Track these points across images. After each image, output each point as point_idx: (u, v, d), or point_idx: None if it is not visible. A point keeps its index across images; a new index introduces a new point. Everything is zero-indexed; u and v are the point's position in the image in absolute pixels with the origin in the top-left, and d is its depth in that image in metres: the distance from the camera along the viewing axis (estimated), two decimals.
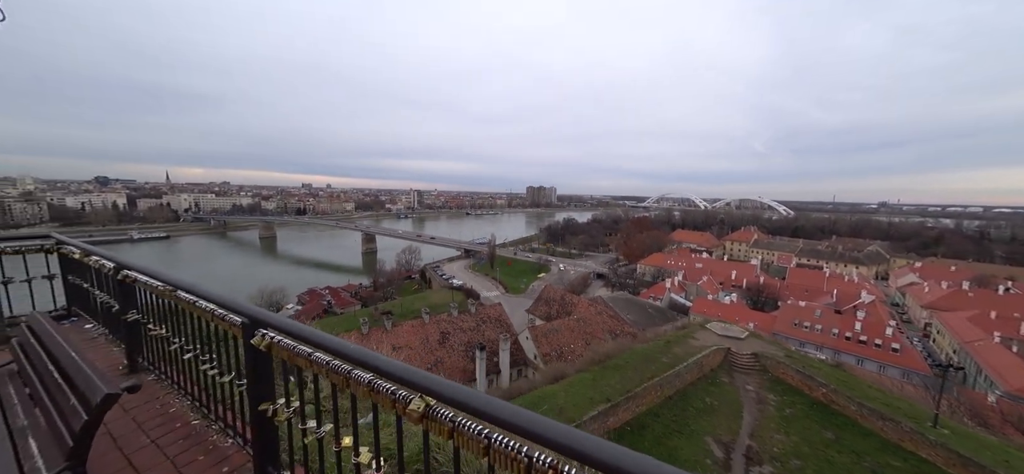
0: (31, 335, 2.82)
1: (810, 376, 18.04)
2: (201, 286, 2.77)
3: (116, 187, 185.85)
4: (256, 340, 2.18)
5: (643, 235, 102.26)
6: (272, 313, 2.33)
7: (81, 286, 4.95)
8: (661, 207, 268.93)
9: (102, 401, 1.87)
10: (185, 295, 2.84)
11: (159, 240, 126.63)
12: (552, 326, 36.91)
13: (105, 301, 4.26)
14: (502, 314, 39.22)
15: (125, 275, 3.56)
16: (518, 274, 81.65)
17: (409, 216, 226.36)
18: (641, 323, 41.80)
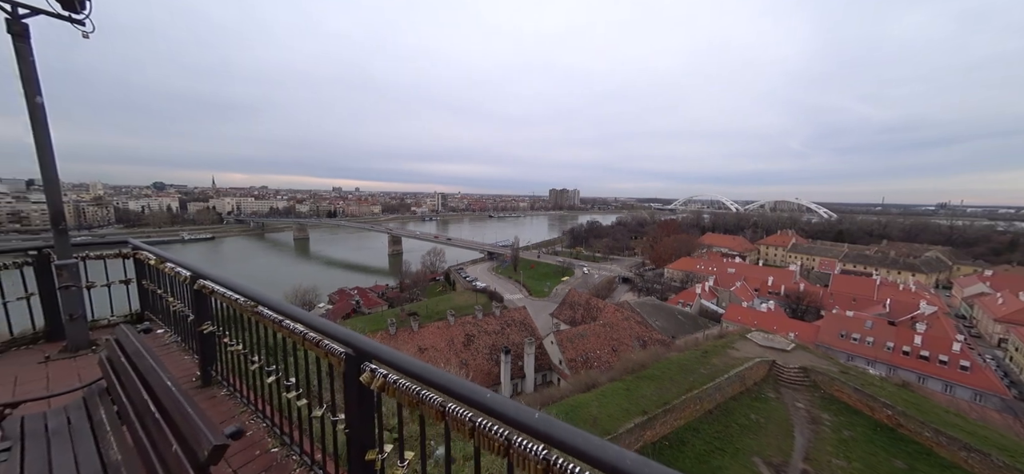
0: (120, 351, 2.63)
1: (871, 396, 16.19)
2: (291, 306, 2.43)
3: (170, 192, 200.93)
4: (365, 377, 1.87)
5: (670, 238, 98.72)
6: (381, 345, 1.94)
7: (155, 291, 4.92)
8: (689, 210, 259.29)
9: (210, 455, 1.61)
10: (268, 312, 2.59)
11: (206, 241, 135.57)
12: (578, 331, 36.00)
13: (179, 309, 4.16)
14: (526, 317, 38.75)
15: (202, 285, 3.41)
16: (541, 277, 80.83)
17: (433, 219, 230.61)
18: (670, 330, 40.06)
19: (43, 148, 4.02)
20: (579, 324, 42.61)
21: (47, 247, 4.79)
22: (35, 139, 3.96)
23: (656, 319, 42.18)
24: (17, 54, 3.78)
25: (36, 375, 3.93)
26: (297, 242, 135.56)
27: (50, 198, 4.39)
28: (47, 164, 4.10)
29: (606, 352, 34.04)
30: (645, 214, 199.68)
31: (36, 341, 4.74)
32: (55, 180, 4.27)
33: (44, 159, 4.05)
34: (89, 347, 4.52)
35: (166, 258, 4.36)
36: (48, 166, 4.13)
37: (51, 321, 4.81)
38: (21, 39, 3.77)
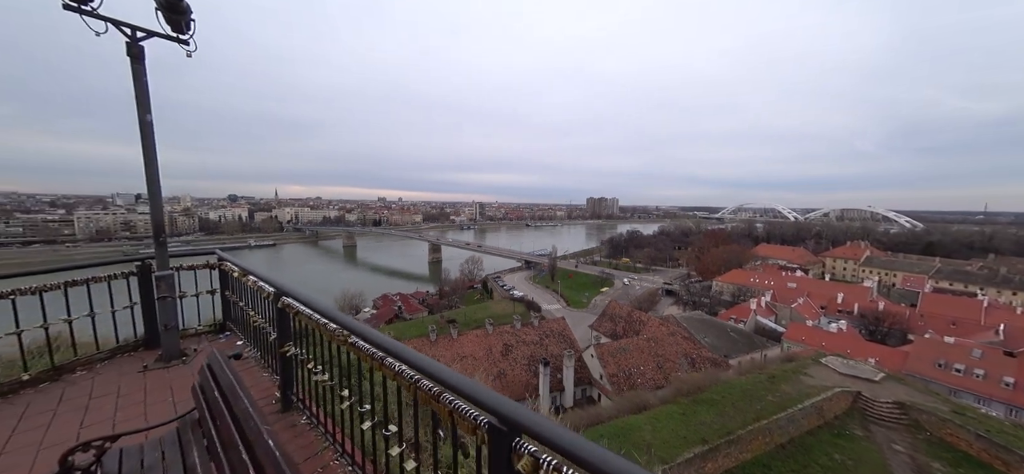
0: (211, 379, 2.54)
1: (1006, 446, 12.97)
2: (404, 349, 1.98)
3: (241, 203, 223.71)
4: (524, 464, 1.34)
5: (719, 249, 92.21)
6: (538, 416, 1.43)
7: (236, 303, 4.99)
8: (738, 218, 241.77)
9: None
10: (367, 346, 2.24)
11: (269, 247, 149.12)
12: (620, 345, 34.33)
13: (260, 325, 4.12)
14: (565, 329, 37.70)
15: (285, 304, 3.27)
16: (579, 287, 78.92)
17: (471, 227, 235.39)
18: (722, 348, 36.93)
19: (150, 163, 4.30)
20: (620, 338, 40.73)
21: (149, 258, 5.04)
22: (144, 154, 4.26)
23: (705, 336, 39.20)
24: (133, 75, 4.11)
25: (135, 385, 4.10)
26: (346, 249, 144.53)
27: (153, 212, 4.65)
28: (152, 178, 4.36)
29: (651, 369, 32.12)
30: (690, 223, 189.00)
31: (136, 348, 5.00)
32: (158, 195, 4.53)
33: (150, 173, 4.32)
34: (180, 358, 4.71)
35: (249, 271, 4.40)
36: (153, 180, 4.38)
37: (149, 329, 5.05)
38: (138, 61, 4.11)
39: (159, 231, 4.71)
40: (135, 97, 4.10)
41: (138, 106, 4.13)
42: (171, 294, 4.71)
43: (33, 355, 4.28)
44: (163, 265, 4.74)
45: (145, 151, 4.21)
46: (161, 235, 4.72)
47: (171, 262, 5.07)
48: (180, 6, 4.13)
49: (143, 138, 4.19)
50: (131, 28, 4.07)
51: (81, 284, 4.39)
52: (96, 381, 4.14)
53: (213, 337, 5.52)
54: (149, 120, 4.19)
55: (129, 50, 4.08)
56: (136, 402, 3.75)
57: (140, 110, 4.14)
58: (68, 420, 3.47)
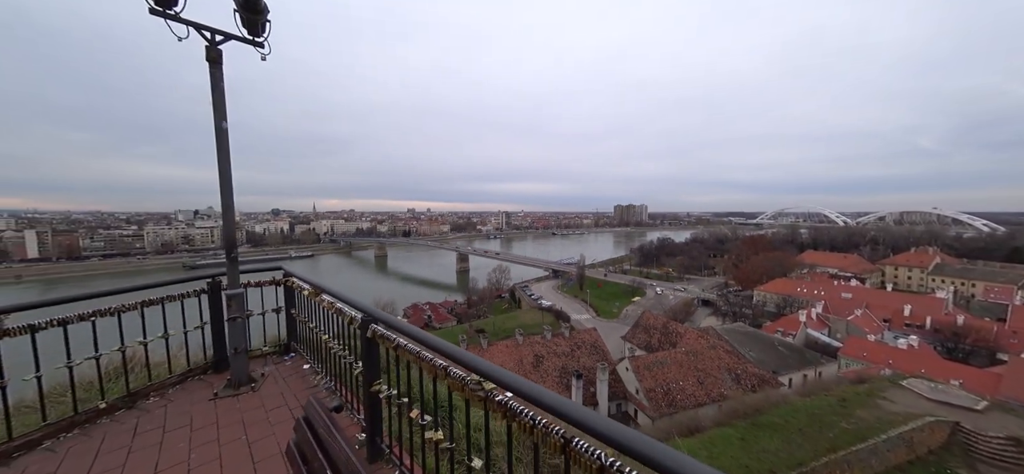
0: (310, 434, 2.31)
1: None
2: (522, 382, 1.59)
3: (283, 217, 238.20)
4: None
5: (759, 257, 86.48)
6: None
7: (305, 323, 4.70)
8: (779, 223, 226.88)
9: None
10: (468, 376, 1.88)
11: (308, 258, 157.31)
12: (656, 358, 32.46)
13: (337, 351, 3.72)
14: (598, 340, 36.25)
15: (377, 333, 2.84)
16: (609, 297, 76.46)
17: (498, 236, 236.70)
18: (769, 363, 33.96)
19: (224, 172, 4.08)
20: (656, 350, 38.76)
21: (218, 274, 4.82)
22: (218, 163, 4.04)
23: (750, 349, 36.32)
24: (211, 80, 3.94)
25: (206, 417, 3.90)
26: (377, 259, 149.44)
27: (226, 225, 4.38)
28: (226, 188, 4.11)
29: (691, 384, 30.05)
30: (725, 230, 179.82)
31: (205, 371, 4.80)
32: (231, 206, 4.24)
33: (224, 182, 4.09)
34: (249, 383, 4.44)
35: (323, 289, 4.09)
36: (226, 190, 4.12)
37: (218, 350, 4.84)
38: (216, 64, 3.96)
39: (231, 246, 4.40)
40: (212, 103, 3.92)
41: (215, 111, 3.94)
42: (241, 314, 4.46)
43: (109, 377, 4.17)
44: (234, 283, 4.46)
45: (220, 159, 3.99)
46: (233, 250, 4.39)
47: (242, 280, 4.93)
48: (258, 6, 3.99)
49: (218, 145, 3.97)
50: (210, 31, 3.95)
51: (156, 303, 4.25)
52: (169, 410, 3.99)
53: (277, 358, 5.24)
54: (225, 127, 3.99)
55: (208, 54, 3.95)
56: (209, 440, 3.55)
57: (216, 116, 3.94)
58: (143, 460, 3.30)
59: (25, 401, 3.87)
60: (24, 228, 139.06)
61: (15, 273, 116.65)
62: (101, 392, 3.85)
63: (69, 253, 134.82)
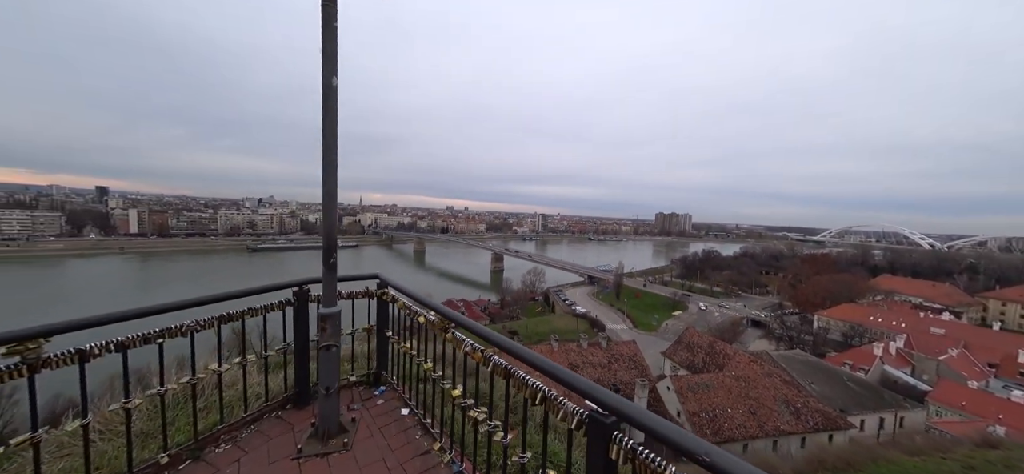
0: None
1: None
2: None
3: None
4: (621, 455, 1.48)
5: (822, 278, 78.65)
6: (642, 409, 1.56)
7: (407, 353, 3.73)
8: (845, 242, 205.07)
9: None
10: None
11: (352, 248, 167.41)
12: (701, 380, 30.59)
13: (463, 403, 2.93)
14: (637, 354, 34.86)
15: (508, 369, 2.28)
16: (648, 308, 73.47)
17: (533, 238, 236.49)
18: (836, 400, 30.61)
19: (329, 144, 3.13)
20: (700, 371, 36.55)
21: (308, 283, 3.78)
22: (323, 123, 3.15)
23: (811, 381, 33.08)
24: (324, 26, 3.06)
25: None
26: (416, 253, 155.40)
27: (327, 219, 3.24)
28: (329, 163, 3.12)
29: (741, 413, 27.96)
30: (780, 245, 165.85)
31: (284, 405, 3.81)
32: (334, 192, 3.13)
33: (328, 153, 3.13)
34: (339, 436, 3.36)
35: (432, 305, 3.28)
36: (330, 169, 3.12)
37: (300, 381, 3.85)
38: (331, 4, 3.11)
39: (331, 248, 3.26)
40: (322, 53, 3.10)
41: (324, 66, 3.07)
42: (337, 341, 3.39)
43: (174, 405, 3.39)
44: (331, 299, 3.37)
45: (326, 120, 3.06)
46: (332, 255, 3.26)
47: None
48: None
49: (324, 107, 3.05)
50: None
51: (235, 318, 3.42)
52: (243, 465, 3.11)
53: (366, 391, 4.16)
54: (335, 85, 3.10)
55: None
56: None
57: (326, 70, 3.07)
58: None
59: (66, 450, 2.97)
60: (128, 207, 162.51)
61: (119, 245, 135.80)
62: (164, 441, 2.95)
63: (160, 231, 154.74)
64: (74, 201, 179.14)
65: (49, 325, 2.29)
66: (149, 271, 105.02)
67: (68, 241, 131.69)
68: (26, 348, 2.20)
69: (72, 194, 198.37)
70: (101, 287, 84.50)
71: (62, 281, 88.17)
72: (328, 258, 3.28)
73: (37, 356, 2.24)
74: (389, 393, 4.13)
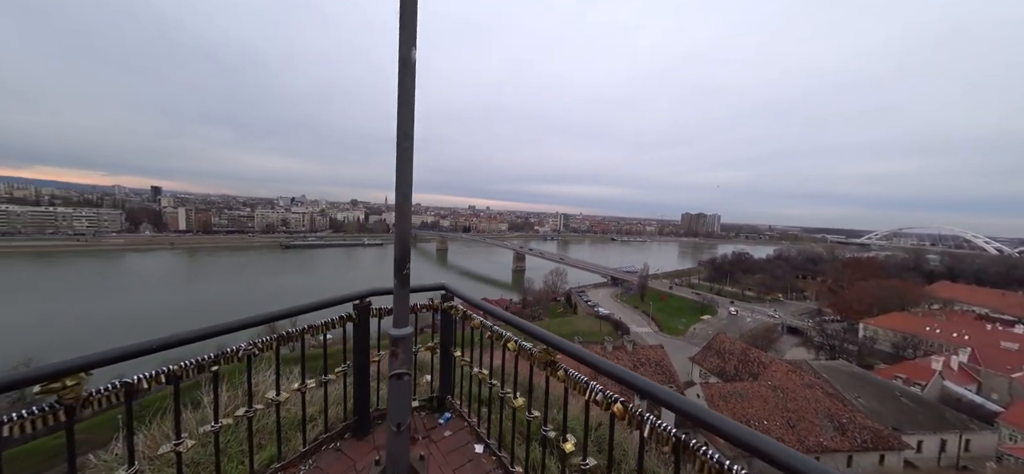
0: None
1: None
2: None
3: (360, 207, 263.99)
4: None
5: (869, 283, 73.07)
6: None
7: (478, 376, 3.27)
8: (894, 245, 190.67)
9: None
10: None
11: (378, 246, 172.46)
12: (734, 389, 29.05)
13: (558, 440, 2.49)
14: (664, 359, 33.61)
15: (635, 415, 1.90)
16: (674, 311, 70.93)
17: (555, 238, 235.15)
18: (887, 416, 28.14)
19: (404, 119, 2.47)
20: (732, 379, 34.87)
21: (371, 295, 3.22)
22: (399, 97, 2.50)
23: (857, 395, 30.67)
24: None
25: None
26: (438, 252, 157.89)
27: (401, 223, 2.58)
28: (405, 154, 2.49)
29: (779, 426, 26.31)
30: (819, 248, 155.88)
31: (342, 435, 3.33)
32: (408, 194, 2.54)
33: (404, 128, 2.47)
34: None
35: (519, 324, 2.78)
36: (406, 153, 2.48)
37: (360, 408, 3.34)
38: None
39: (404, 257, 2.63)
40: (400, 22, 2.41)
41: (401, 36, 2.42)
42: (409, 368, 2.87)
43: (225, 437, 2.99)
44: (402, 318, 2.79)
45: (401, 93, 2.44)
46: (405, 264, 2.67)
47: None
48: None
49: (400, 80, 2.44)
50: None
51: (295, 339, 2.98)
52: None
53: (430, 419, 3.64)
54: (413, 58, 2.48)
55: None
56: None
57: (404, 40, 2.41)
58: None
59: None
60: (177, 206, 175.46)
61: (170, 241, 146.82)
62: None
63: (204, 228, 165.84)
64: (132, 200, 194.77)
65: (89, 357, 1.86)
66: (195, 266, 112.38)
67: (127, 237, 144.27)
68: (64, 386, 1.78)
69: (131, 194, 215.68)
70: (155, 279, 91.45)
71: (123, 276, 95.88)
72: (400, 268, 2.64)
73: (77, 395, 1.82)
74: (456, 422, 3.60)
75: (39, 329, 51.55)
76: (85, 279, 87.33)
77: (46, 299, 67.07)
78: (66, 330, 51.26)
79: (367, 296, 3.23)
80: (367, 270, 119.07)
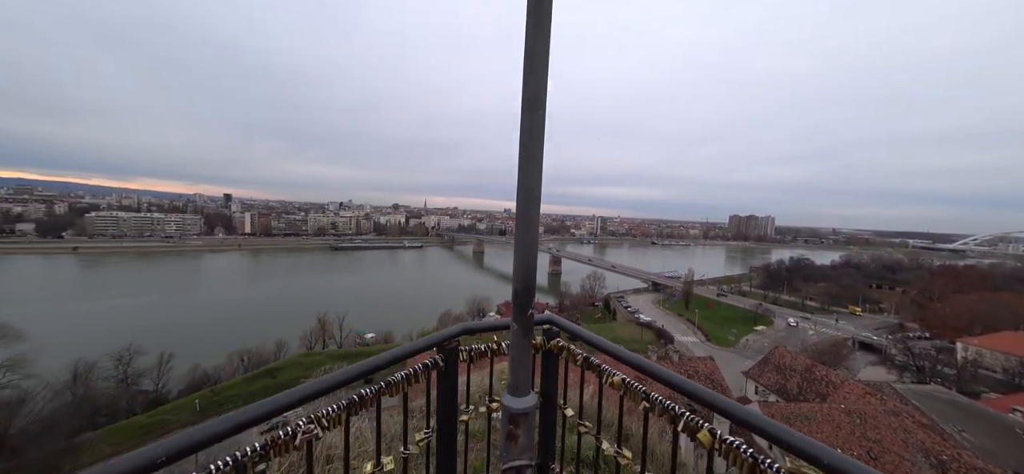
0: None
1: None
2: None
3: (400, 211, 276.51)
4: None
5: (968, 296, 62.92)
6: None
7: (590, 435, 2.40)
8: (1000, 252, 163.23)
9: None
10: None
11: (418, 248, 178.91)
12: (799, 410, 25.85)
13: None
14: (715, 372, 30.89)
15: None
16: (722, 320, 65.81)
17: (591, 242, 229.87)
18: (1001, 456, 23.42)
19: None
20: (795, 398, 31.36)
21: (456, 336, 2.18)
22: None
23: (963, 429, 25.97)
24: None
25: None
26: (475, 255, 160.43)
27: (522, 255, 1.90)
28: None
29: (857, 459, 22.81)
30: (899, 254, 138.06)
31: None
32: (538, 175, 1.92)
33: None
34: None
35: (622, 358, 2.07)
36: (535, 145, 1.91)
37: None
38: None
39: (527, 293, 1.90)
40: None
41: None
42: (530, 456, 2.04)
43: None
44: (523, 381, 2.02)
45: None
46: (529, 303, 1.91)
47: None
48: None
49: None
50: None
51: (369, 404, 2.18)
52: None
53: None
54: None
55: None
56: None
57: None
58: None
59: None
60: (244, 211, 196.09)
61: (238, 243, 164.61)
62: None
63: (265, 230, 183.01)
64: (209, 207, 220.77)
65: (156, 451, 1.27)
66: (258, 265, 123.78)
67: (205, 239, 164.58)
68: None
69: (208, 201, 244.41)
70: (228, 278, 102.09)
71: (202, 274, 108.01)
72: (523, 307, 1.87)
73: None
74: None
75: (141, 318, 59.27)
76: (175, 276, 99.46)
77: (146, 293, 77.33)
78: (160, 323, 58.19)
79: (455, 337, 2.25)
80: (409, 271, 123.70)
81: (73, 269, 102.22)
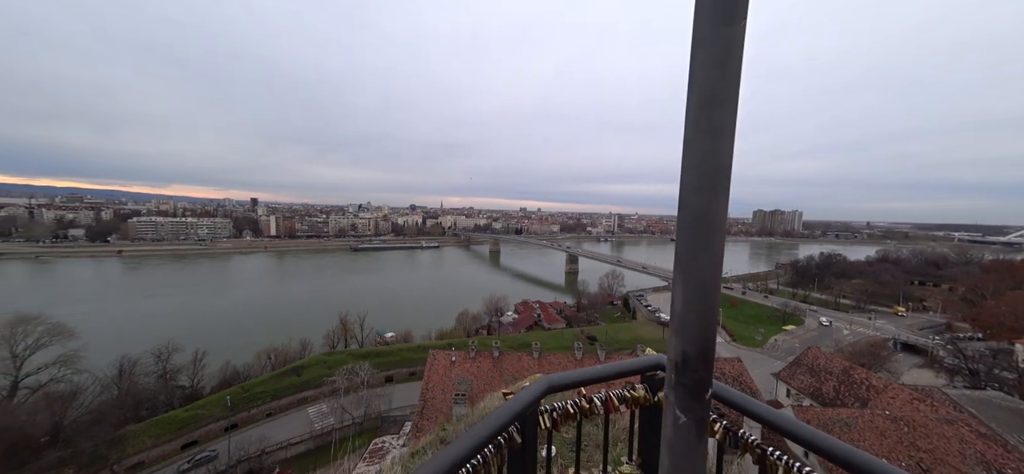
0: None
1: None
2: None
3: (417, 211, 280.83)
4: None
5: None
6: None
7: None
8: None
9: None
10: None
11: (435, 248, 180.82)
12: (838, 415, 24.20)
13: None
14: (743, 374, 29.48)
15: None
16: (748, 320, 63.18)
17: (608, 240, 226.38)
18: None
19: None
20: (831, 402, 29.60)
21: (548, 393, 1.73)
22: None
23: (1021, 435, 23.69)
24: None
25: None
26: (491, 254, 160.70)
27: None
28: None
29: (905, 469, 21.14)
30: (943, 248, 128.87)
31: None
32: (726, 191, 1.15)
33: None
34: None
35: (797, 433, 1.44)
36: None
37: None
38: None
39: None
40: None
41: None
42: None
43: None
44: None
45: None
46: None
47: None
48: None
49: None
50: None
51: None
52: None
53: None
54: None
55: None
56: None
57: None
58: None
59: None
60: (270, 215, 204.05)
61: (264, 245, 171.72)
62: None
63: (289, 233, 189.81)
64: (237, 211, 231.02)
65: None
66: (283, 266, 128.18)
67: (233, 242, 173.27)
68: None
69: (236, 205, 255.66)
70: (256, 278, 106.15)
71: (232, 275, 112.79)
72: (695, 389, 1.17)
73: None
74: None
75: (177, 317, 62.39)
76: (207, 278, 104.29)
77: (181, 293, 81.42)
78: (194, 322, 61.00)
79: (541, 397, 1.68)
80: (426, 271, 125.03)
81: (118, 271, 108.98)
